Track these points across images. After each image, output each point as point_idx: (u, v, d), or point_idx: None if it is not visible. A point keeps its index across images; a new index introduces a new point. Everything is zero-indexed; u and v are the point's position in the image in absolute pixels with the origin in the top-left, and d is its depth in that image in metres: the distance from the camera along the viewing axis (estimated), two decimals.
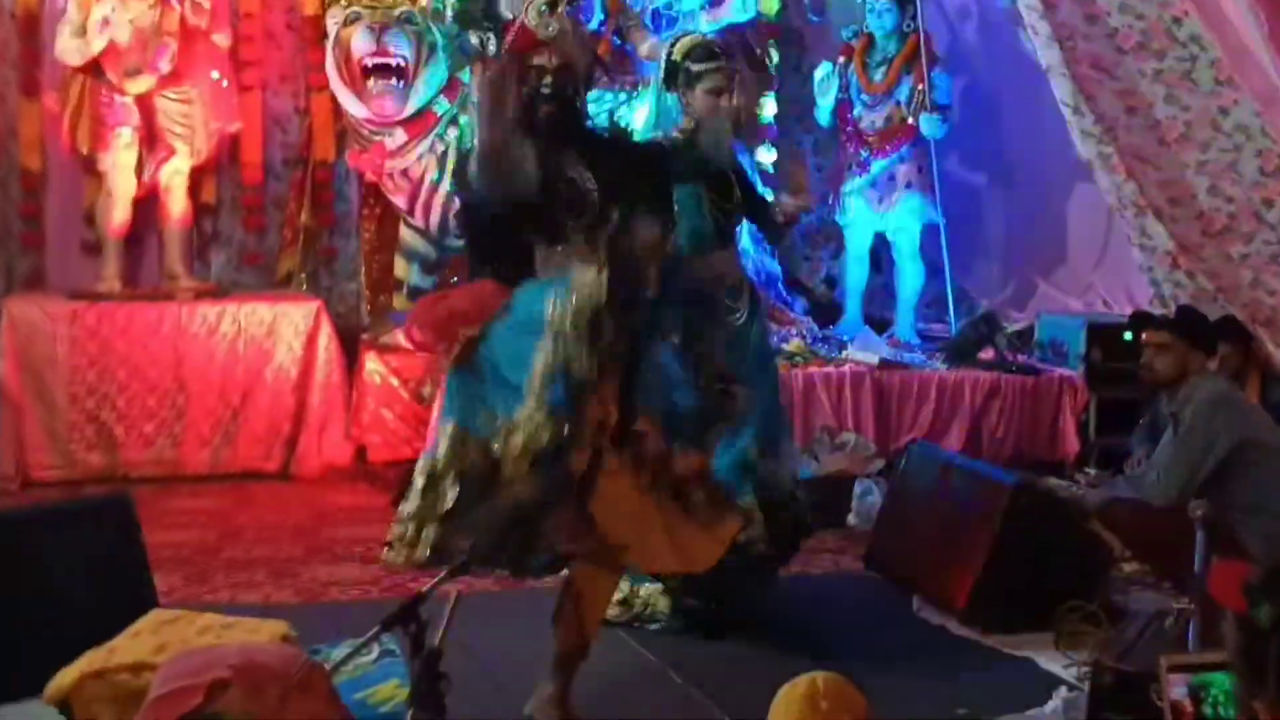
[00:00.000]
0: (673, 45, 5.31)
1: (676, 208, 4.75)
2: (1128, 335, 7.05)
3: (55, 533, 4.45)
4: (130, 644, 3.84)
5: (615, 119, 5.22)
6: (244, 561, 6.08)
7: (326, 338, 7.55)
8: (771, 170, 8.35)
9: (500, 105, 4.01)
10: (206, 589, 5.71)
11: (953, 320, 8.12)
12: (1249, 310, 6.46)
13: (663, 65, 5.27)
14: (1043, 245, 8.45)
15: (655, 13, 7.92)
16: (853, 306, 8.20)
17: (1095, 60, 6.77)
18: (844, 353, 7.70)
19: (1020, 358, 7.83)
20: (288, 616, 4.45)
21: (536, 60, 4.21)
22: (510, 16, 4.38)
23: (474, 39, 4.45)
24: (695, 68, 5.14)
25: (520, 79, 4.19)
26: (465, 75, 7.23)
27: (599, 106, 6.36)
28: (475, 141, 4.06)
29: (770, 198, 5.90)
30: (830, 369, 7.45)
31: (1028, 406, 7.60)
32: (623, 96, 7.52)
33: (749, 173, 5.83)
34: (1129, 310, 7.28)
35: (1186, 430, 5.23)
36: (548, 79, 4.20)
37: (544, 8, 4.26)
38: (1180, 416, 5.30)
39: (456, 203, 4.37)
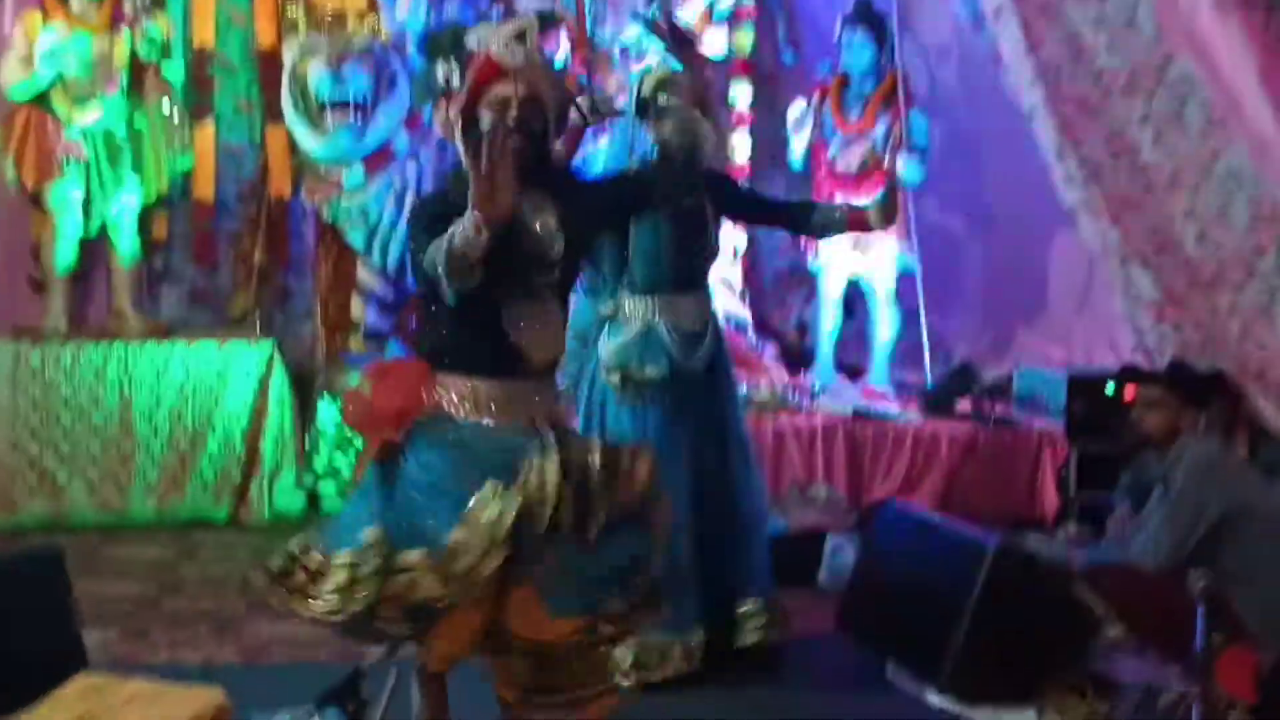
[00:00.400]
0: (642, 81, 5.19)
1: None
2: (1110, 388, 6.94)
3: None
4: (51, 713, 3.60)
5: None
6: (186, 616, 5.85)
7: (280, 381, 7.33)
8: None
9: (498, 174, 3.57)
10: (145, 646, 5.49)
11: (928, 369, 7.91)
12: (1238, 363, 6.23)
13: (633, 100, 5.15)
14: (1022, 292, 8.24)
15: (624, 50, 7.76)
16: (825, 353, 7.98)
17: (1081, 101, 6.57)
18: (815, 402, 7.49)
19: (998, 409, 7.62)
20: (228, 678, 4.25)
21: (501, 92, 3.88)
22: (476, 49, 4.07)
23: (439, 71, 4.20)
24: (665, 102, 5.04)
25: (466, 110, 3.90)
26: (428, 110, 7.07)
27: None
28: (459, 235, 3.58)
29: None
30: (801, 419, 7.26)
31: (1006, 461, 7.40)
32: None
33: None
34: (1110, 360, 7.10)
35: (1177, 494, 5.04)
36: (513, 112, 3.86)
37: (511, 38, 3.96)
38: (1170, 478, 5.12)
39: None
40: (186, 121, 7.71)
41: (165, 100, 7.51)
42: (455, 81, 4.07)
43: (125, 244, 7.46)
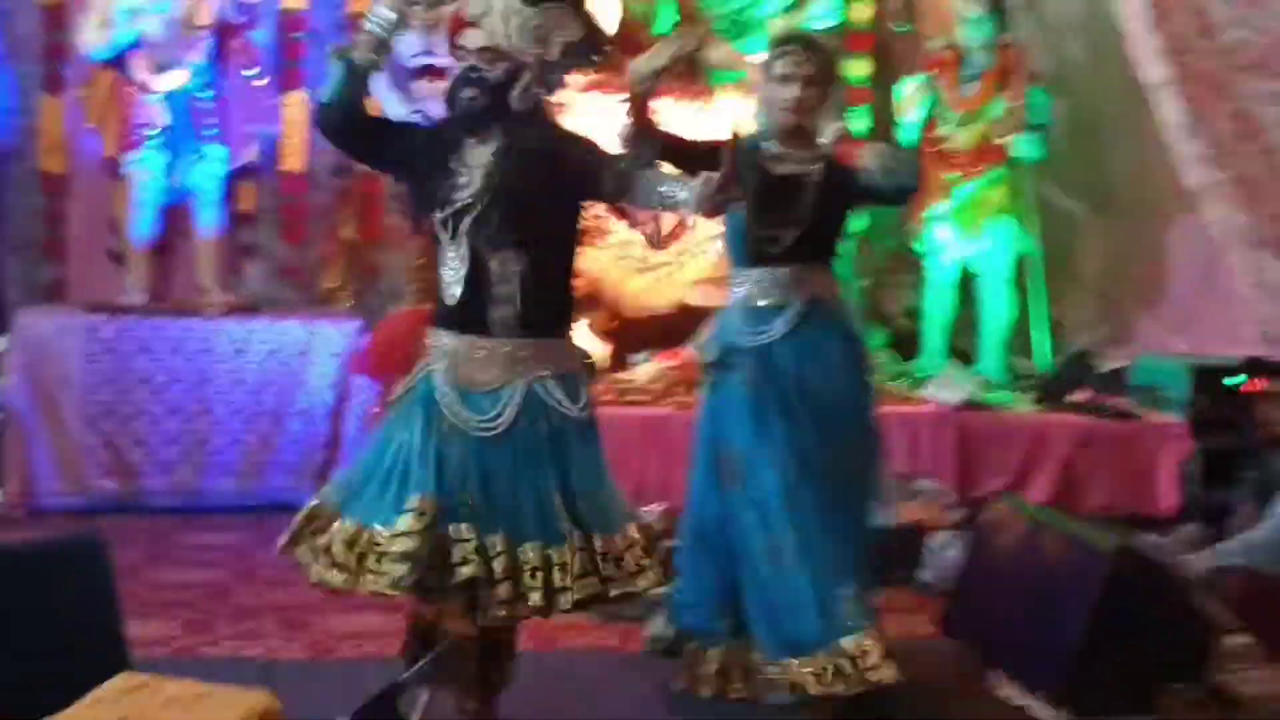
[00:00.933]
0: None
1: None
2: (1237, 380, 6.59)
3: (7, 578, 3.97)
4: (87, 714, 3.39)
5: None
6: (253, 608, 5.63)
7: None
8: None
9: None
10: (206, 639, 5.26)
11: (1043, 358, 7.57)
12: None
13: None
14: (1143, 279, 7.91)
15: (735, 22, 7.51)
16: (935, 340, 7.65)
17: (1208, 78, 6.23)
18: (922, 391, 7.18)
19: (1116, 400, 7.28)
20: (289, 675, 4.23)
21: (465, 40, 3.96)
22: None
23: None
24: (768, 58, 4.77)
25: None
26: None
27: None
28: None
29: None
30: (906, 408, 6.93)
31: (1124, 455, 7.05)
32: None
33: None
34: (1235, 351, 6.74)
35: None
36: (471, 61, 3.90)
37: None
38: None
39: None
40: (275, 89, 7.54)
41: (253, 69, 7.32)
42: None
43: (208, 216, 7.27)
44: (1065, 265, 7.94)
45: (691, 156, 4.43)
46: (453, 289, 3.87)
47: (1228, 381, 6.57)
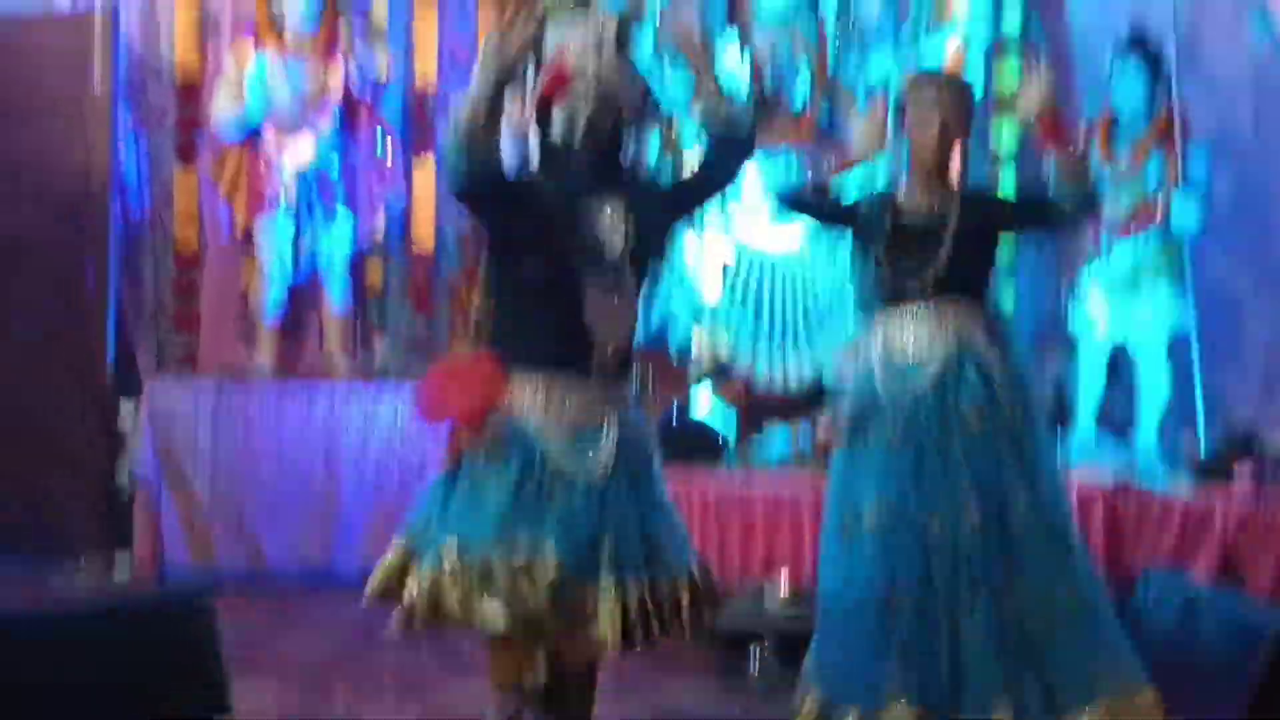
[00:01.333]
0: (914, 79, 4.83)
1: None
2: None
3: (108, 635, 3.87)
4: None
5: None
6: (374, 675, 5.54)
7: None
8: None
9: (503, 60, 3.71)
10: (324, 706, 5.21)
11: (1202, 438, 7.21)
12: None
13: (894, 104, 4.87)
14: None
15: (870, 89, 7.36)
16: (1085, 420, 7.32)
17: None
18: (1072, 469, 6.86)
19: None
20: None
21: (573, 95, 3.91)
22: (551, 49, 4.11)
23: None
24: (908, 94, 4.65)
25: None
26: None
27: None
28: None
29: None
30: None
31: None
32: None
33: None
34: None
35: None
36: (583, 116, 3.89)
37: (594, 42, 3.99)
38: None
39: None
40: (403, 162, 7.53)
41: (383, 138, 7.34)
42: (530, 80, 4.03)
43: (337, 289, 7.28)
44: (1228, 339, 7.56)
45: None
46: (605, 340, 3.87)
47: None
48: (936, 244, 4.56)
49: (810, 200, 5.02)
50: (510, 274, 3.97)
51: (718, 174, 4.23)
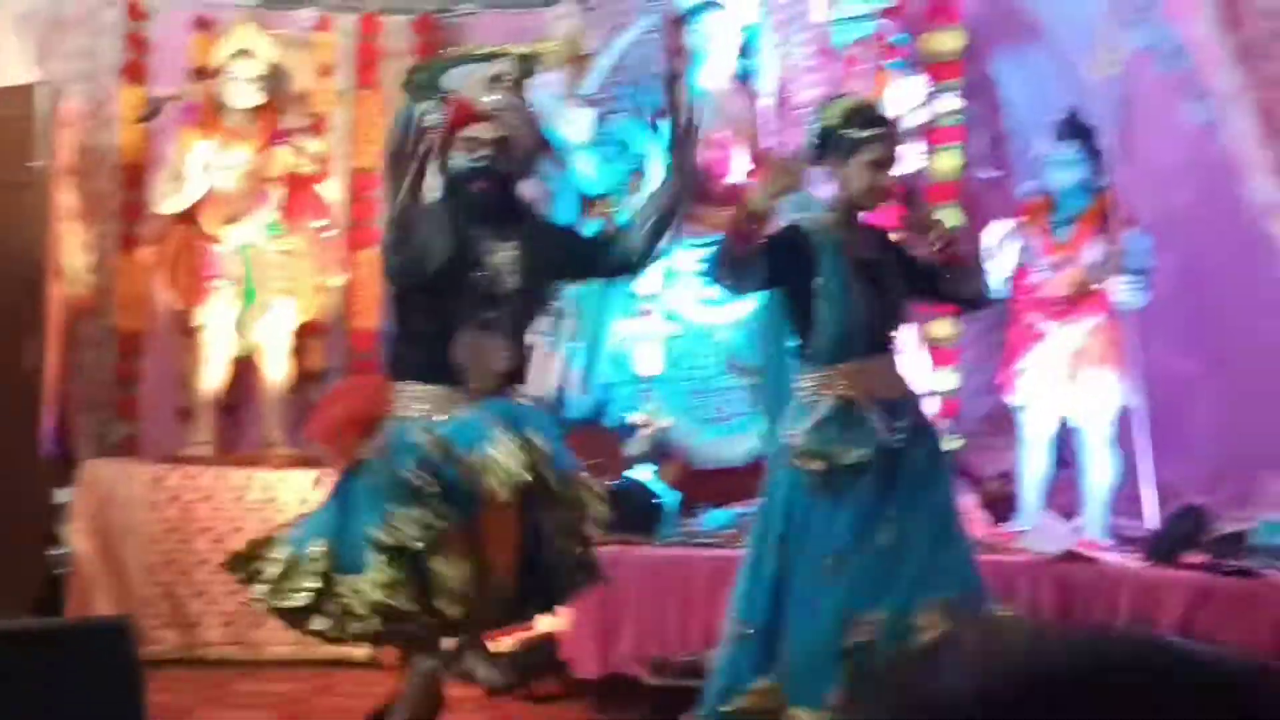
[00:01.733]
0: (826, 109, 4.79)
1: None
2: None
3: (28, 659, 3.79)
4: None
5: None
6: None
7: None
8: None
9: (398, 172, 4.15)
10: None
11: (1150, 516, 7.16)
12: None
13: (815, 134, 4.72)
14: (1268, 435, 7.33)
15: None
16: (1030, 502, 7.27)
17: None
18: (1019, 542, 6.82)
19: (1235, 560, 6.83)
20: None
21: (472, 132, 4.21)
22: (455, 90, 4.33)
23: (416, 110, 4.29)
24: (857, 135, 4.58)
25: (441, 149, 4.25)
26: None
27: None
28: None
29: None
30: (1002, 559, 6.57)
31: (1247, 615, 6.55)
32: None
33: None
34: None
35: None
36: (483, 152, 4.20)
37: (491, 80, 4.32)
38: None
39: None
40: (345, 243, 7.59)
41: (322, 221, 7.39)
42: (432, 120, 4.22)
43: (277, 370, 7.28)
44: (1177, 422, 7.54)
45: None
46: (483, 376, 4.27)
47: None
48: (887, 289, 4.69)
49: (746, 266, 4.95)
50: (402, 306, 4.41)
51: (604, 271, 4.71)
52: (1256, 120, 5.31)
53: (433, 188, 4.33)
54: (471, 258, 4.22)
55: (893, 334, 4.83)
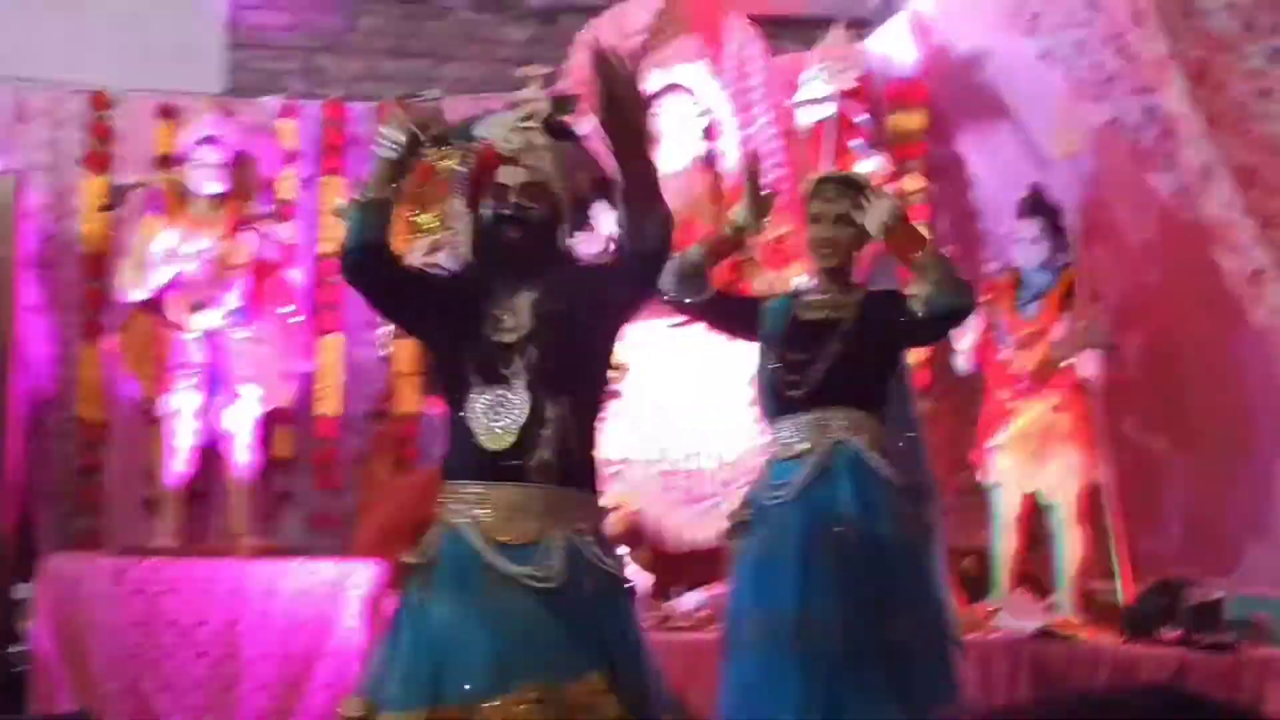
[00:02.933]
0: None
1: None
2: None
3: None
4: None
5: None
6: None
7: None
8: None
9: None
10: None
11: (1124, 592, 7.18)
12: None
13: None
14: (1246, 498, 7.35)
15: (771, 245, 7.47)
16: (1002, 578, 7.29)
17: None
18: (993, 620, 6.83)
19: (1211, 636, 6.84)
20: None
21: (501, 177, 3.83)
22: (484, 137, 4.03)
23: (445, 164, 4.09)
24: (805, 199, 4.79)
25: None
26: None
27: None
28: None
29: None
30: (976, 636, 6.57)
31: (1225, 690, 6.58)
32: None
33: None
34: None
35: None
36: (512, 196, 3.80)
37: (518, 123, 3.90)
38: None
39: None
40: (310, 330, 7.60)
41: (288, 307, 7.40)
42: (461, 168, 3.96)
43: (242, 459, 7.24)
44: (1146, 496, 7.57)
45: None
46: (497, 436, 3.66)
47: None
48: (823, 344, 4.67)
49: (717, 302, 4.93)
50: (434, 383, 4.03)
51: (638, 271, 3.97)
52: (1237, 188, 5.19)
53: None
54: (480, 312, 3.77)
55: (835, 388, 4.70)
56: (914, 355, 7.57)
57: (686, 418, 7.23)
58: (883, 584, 4.54)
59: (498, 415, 3.67)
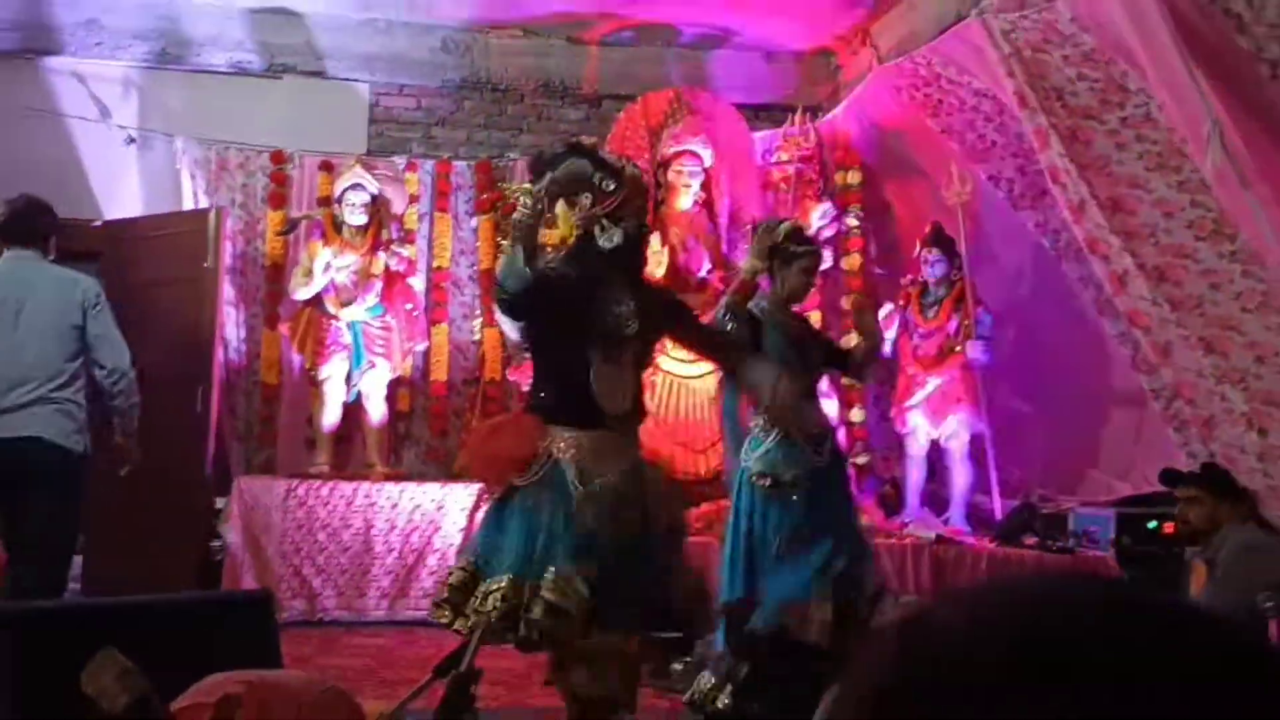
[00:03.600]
0: (773, 229, 4.50)
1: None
2: (1152, 524, 5.92)
3: (188, 624, 3.44)
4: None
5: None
6: (394, 681, 5.01)
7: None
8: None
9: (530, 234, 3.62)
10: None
11: (998, 510, 6.85)
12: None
13: (764, 246, 4.43)
14: (1086, 441, 6.99)
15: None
16: (912, 500, 6.99)
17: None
18: (905, 530, 6.50)
19: (1058, 543, 6.52)
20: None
21: (638, 203, 3.79)
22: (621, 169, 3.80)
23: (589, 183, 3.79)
24: (794, 249, 4.40)
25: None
26: None
27: None
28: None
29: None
30: (894, 542, 6.26)
31: None
32: None
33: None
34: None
35: (1223, 575, 4.08)
36: (634, 220, 3.71)
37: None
38: (1215, 562, 4.12)
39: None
40: (426, 320, 7.26)
41: (410, 304, 7.05)
42: (611, 189, 3.70)
43: (376, 411, 6.92)
44: (1015, 443, 7.22)
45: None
46: (615, 398, 3.60)
47: (1151, 525, 5.90)
48: (814, 353, 4.45)
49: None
50: (542, 355, 3.77)
51: (717, 358, 4.24)
52: (1104, 214, 4.76)
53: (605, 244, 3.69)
54: (602, 306, 3.62)
55: (816, 385, 4.59)
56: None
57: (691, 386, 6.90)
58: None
59: (613, 383, 3.61)
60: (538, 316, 3.66)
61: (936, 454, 7.02)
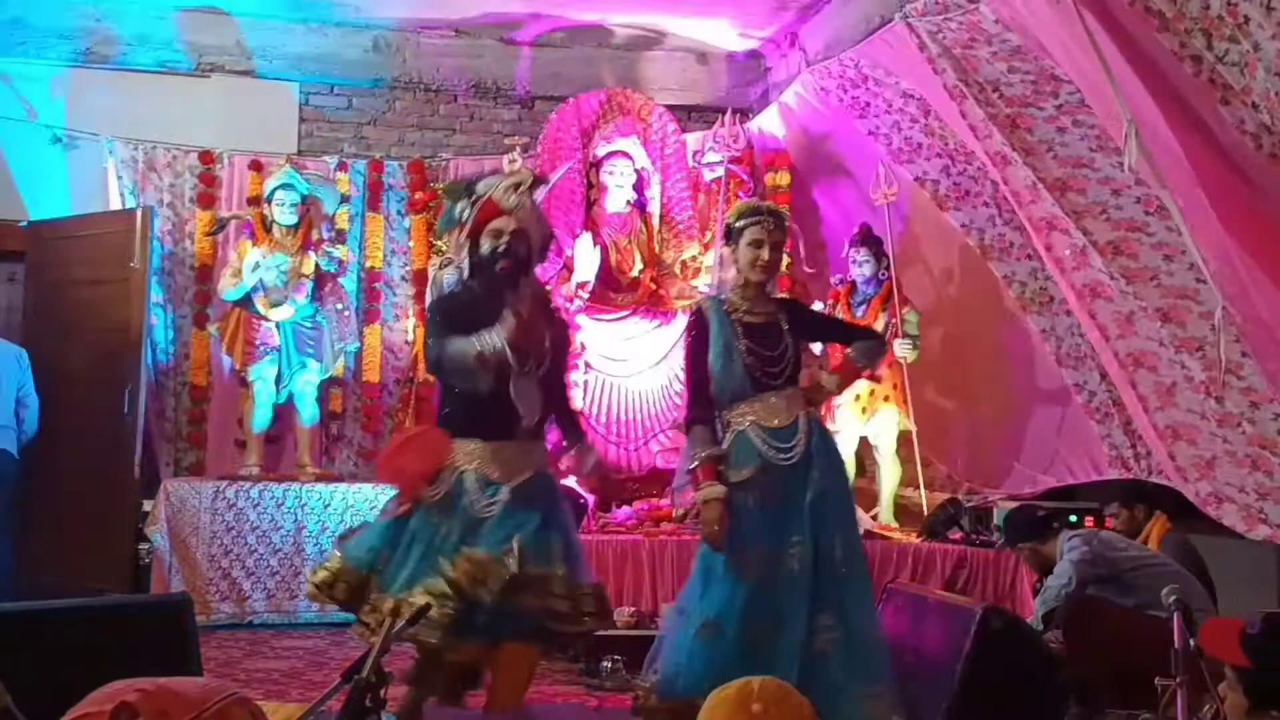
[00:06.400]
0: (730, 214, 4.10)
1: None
2: (1072, 518, 5.79)
3: (105, 629, 3.21)
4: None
5: None
6: (322, 684, 4.76)
7: None
8: None
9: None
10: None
11: (925, 505, 6.74)
12: None
13: (723, 232, 4.09)
14: (1010, 435, 6.82)
15: (683, 264, 6.96)
16: None
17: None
18: None
19: (982, 537, 6.41)
20: None
21: (497, 225, 3.70)
22: (483, 193, 3.81)
23: (457, 209, 3.76)
24: (739, 223, 3.88)
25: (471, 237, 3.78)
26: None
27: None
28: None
29: None
30: None
31: (991, 574, 6.16)
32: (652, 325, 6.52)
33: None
34: (1095, 476, 5.96)
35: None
36: (505, 239, 3.68)
37: (511, 187, 3.75)
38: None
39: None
40: (358, 322, 6.99)
41: (341, 305, 6.77)
42: (465, 215, 3.70)
43: (307, 412, 6.65)
44: (941, 439, 7.12)
45: None
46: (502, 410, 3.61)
47: (1071, 519, 5.72)
48: (778, 341, 3.89)
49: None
50: (442, 372, 3.75)
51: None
52: (1054, 195, 4.55)
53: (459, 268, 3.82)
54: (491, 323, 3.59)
55: (781, 376, 3.87)
56: None
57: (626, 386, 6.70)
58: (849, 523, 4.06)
59: (528, 395, 3.66)
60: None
61: (865, 450, 6.89)
